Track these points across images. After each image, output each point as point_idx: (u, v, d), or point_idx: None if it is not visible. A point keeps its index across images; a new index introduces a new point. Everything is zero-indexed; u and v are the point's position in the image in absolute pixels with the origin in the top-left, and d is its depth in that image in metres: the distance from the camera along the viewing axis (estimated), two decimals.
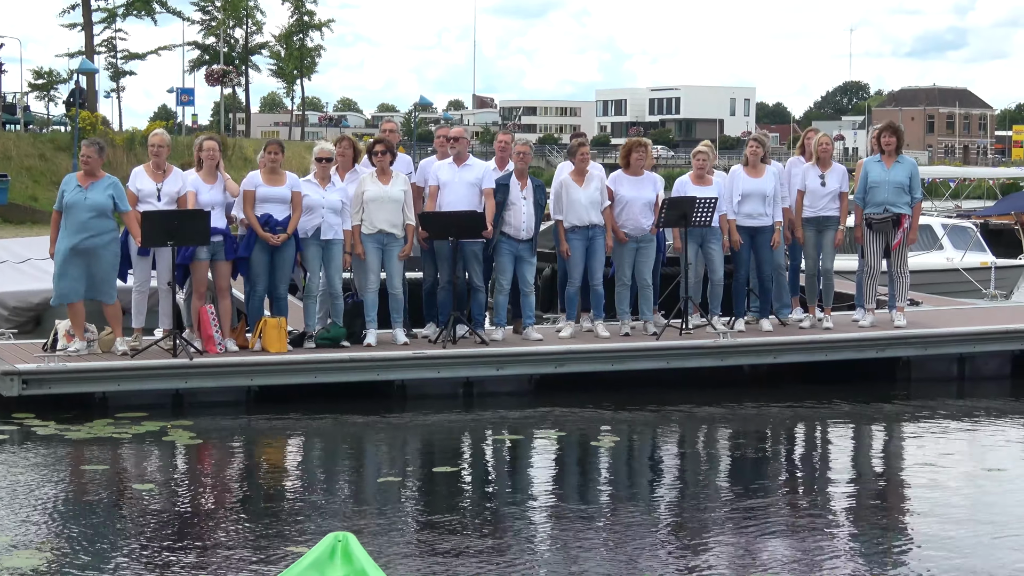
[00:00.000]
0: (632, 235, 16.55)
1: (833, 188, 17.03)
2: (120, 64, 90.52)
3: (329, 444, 13.84)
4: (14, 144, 53.99)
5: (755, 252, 17.03)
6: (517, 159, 16.27)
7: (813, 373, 16.78)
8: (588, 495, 11.82)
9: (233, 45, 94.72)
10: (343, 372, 15.29)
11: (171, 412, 14.47)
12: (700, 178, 16.92)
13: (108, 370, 14.60)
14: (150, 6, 77.69)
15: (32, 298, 17.61)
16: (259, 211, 15.28)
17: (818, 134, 17.53)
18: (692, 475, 12.75)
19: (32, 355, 14.91)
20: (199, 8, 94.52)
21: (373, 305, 15.76)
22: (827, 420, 15.28)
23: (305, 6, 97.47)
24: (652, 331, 16.63)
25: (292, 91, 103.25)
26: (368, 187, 15.72)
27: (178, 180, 15.40)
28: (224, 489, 11.97)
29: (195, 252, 15.03)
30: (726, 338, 16.35)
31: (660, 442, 14.41)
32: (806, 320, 17.36)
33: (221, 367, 14.88)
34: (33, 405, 14.21)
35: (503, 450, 13.74)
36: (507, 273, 16.15)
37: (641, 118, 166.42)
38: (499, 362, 15.73)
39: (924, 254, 25.56)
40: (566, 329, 16.57)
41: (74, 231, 14.76)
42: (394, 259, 15.78)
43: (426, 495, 11.75)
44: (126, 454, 12.94)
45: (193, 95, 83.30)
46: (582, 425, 14.62)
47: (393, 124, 17.86)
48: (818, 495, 11.88)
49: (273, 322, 15.25)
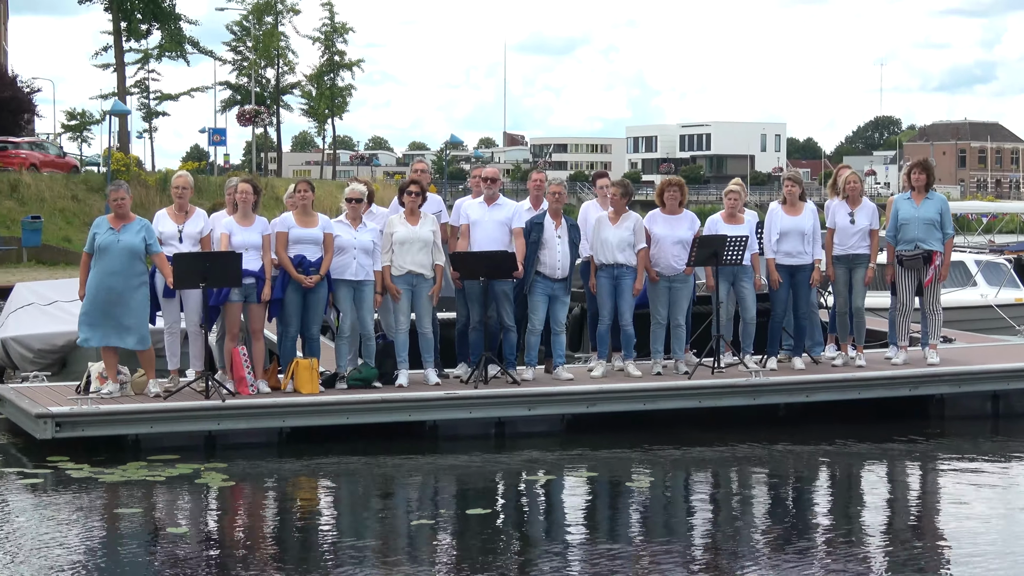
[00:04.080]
0: (663, 274, 16.54)
1: (863, 225, 16.97)
2: (153, 105, 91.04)
3: (361, 485, 13.83)
4: (47, 186, 54.18)
5: (793, 290, 16.99)
6: (551, 198, 16.31)
7: (846, 411, 16.70)
8: (622, 536, 11.79)
9: (265, 85, 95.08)
10: (375, 413, 15.30)
11: (204, 454, 14.48)
12: (732, 216, 16.93)
13: (140, 412, 14.64)
14: (182, 47, 77.97)
15: (57, 340, 17.68)
16: (292, 252, 15.33)
17: (847, 171, 17.50)
18: (726, 515, 12.68)
19: (65, 398, 14.96)
20: (231, 49, 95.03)
21: (404, 346, 15.78)
22: (860, 458, 15.21)
23: (335, 46, 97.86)
24: (684, 370, 16.60)
25: (323, 130, 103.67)
26: (397, 228, 15.77)
27: (199, 221, 15.49)
28: (257, 532, 11.97)
29: (228, 294, 15.08)
30: (758, 377, 16.31)
31: (693, 482, 14.35)
32: (839, 358, 17.30)
33: (253, 408, 14.91)
34: (67, 448, 14.24)
35: (536, 491, 13.69)
36: (540, 312, 16.16)
37: (672, 154, 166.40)
38: (531, 402, 15.72)
39: (957, 291, 25.43)
40: (597, 368, 16.55)
41: (106, 273, 14.83)
42: (424, 300, 15.80)
43: (459, 537, 11.72)
44: (159, 497, 12.95)
45: (225, 135, 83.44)
46: (615, 465, 14.59)
47: (424, 164, 17.90)
48: (852, 535, 11.80)
49: (305, 363, 15.27)
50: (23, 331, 18.00)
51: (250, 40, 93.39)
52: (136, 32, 74.32)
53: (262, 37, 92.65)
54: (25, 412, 14.67)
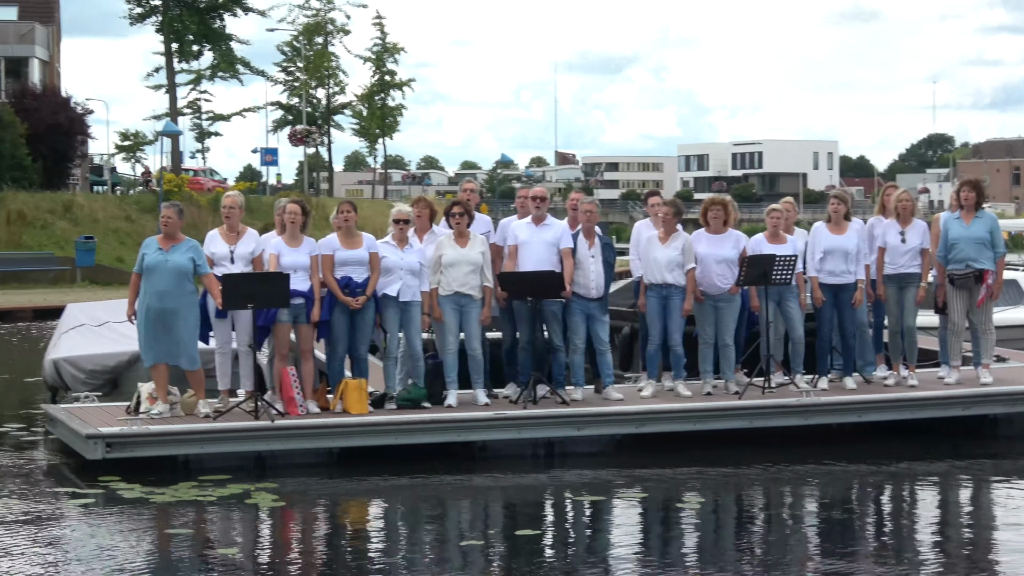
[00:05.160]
0: (708, 293, 16.48)
1: (914, 244, 16.88)
2: (205, 125, 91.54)
3: (410, 506, 13.81)
4: (101, 207, 54.66)
5: (838, 310, 16.92)
6: (584, 218, 16.28)
7: (898, 432, 16.59)
8: (673, 558, 11.72)
9: (316, 105, 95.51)
10: (424, 433, 15.29)
11: (254, 474, 14.51)
12: (774, 236, 16.87)
13: (190, 433, 14.69)
14: (234, 68, 78.37)
15: (108, 361, 17.75)
16: (338, 274, 15.36)
17: (898, 190, 17.41)
18: (778, 537, 12.58)
19: (116, 418, 15.03)
20: (282, 69, 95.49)
21: (453, 366, 15.78)
22: (913, 480, 15.09)
23: (386, 66, 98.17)
24: (734, 390, 16.53)
25: (374, 150, 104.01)
26: (446, 250, 15.77)
27: (251, 242, 15.53)
28: (307, 553, 11.97)
29: (277, 314, 15.11)
30: (809, 397, 16.22)
31: (745, 503, 14.23)
32: (890, 378, 17.19)
33: (303, 429, 14.93)
34: (119, 468, 14.30)
35: (585, 512, 13.63)
36: (580, 332, 16.13)
37: (724, 173, 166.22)
38: (580, 422, 15.68)
39: (1010, 309, 25.20)
40: (647, 388, 16.50)
41: (155, 293, 14.91)
42: (472, 320, 15.80)
43: (509, 558, 11.69)
44: (210, 517, 12.98)
45: (277, 155, 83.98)
46: (665, 486, 14.52)
47: (473, 184, 17.88)
48: (905, 557, 11.67)
49: (354, 384, 15.29)
50: (75, 352, 18.10)
51: (301, 60, 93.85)
52: (187, 53, 74.76)
53: (313, 57, 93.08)
54: (76, 433, 14.74)
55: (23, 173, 56.51)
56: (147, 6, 72.69)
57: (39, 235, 50.43)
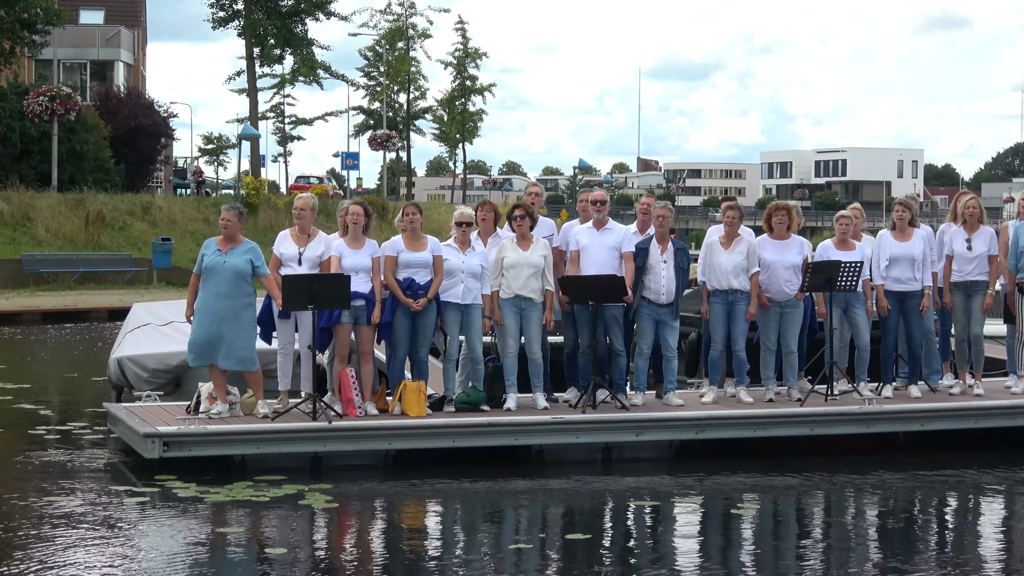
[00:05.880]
0: (775, 299, 16.34)
1: (981, 251, 16.68)
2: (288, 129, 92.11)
3: (466, 509, 13.77)
4: (180, 209, 55.07)
5: (904, 317, 16.74)
6: (657, 222, 16.17)
7: (963, 441, 16.37)
8: (729, 565, 11.58)
9: (397, 110, 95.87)
10: (481, 436, 15.24)
11: (309, 475, 14.51)
12: (843, 243, 16.72)
13: (247, 433, 14.71)
14: (316, 72, 78.75)
15: (171, 360, 17.81)
16: (401, 276, 15.35)
17: (966, 196, 17.21)
18: (838, 545, 12.40)
19: (175, 417, 15.08)
20: (364, 74, 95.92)
21: (512, 369, 15.72)
22: (978, 490, 14.85)
23: (467, 71, 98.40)
24: (796, 397, 16.38)
25: (455, 155, 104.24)
26: (508, 253, 15.73)
27: (320, 245, 15.52)
28: (358, 555, 11.96)
29: (339, 315, 15.11)
30: (872, 404, 16.03)
31: (804, 511, 14.09)
32: (956, 386, 16.98)
33: (360, 431, 14.92)
34: (175, 467, 14.35)
35: (641, 517, 13.52)
36: (648, 338, 16.03)
37: (807, 180, 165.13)
38: (639, 427, 15.57)
39: None
40: (709, 394, 16.38)
41: (213, 294, 14.97)
42: (533, 324, 15.73)
43: (561, 562, 11.60)
44: (263, 517, 12.97)
45: (358, 159, 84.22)
46: (723, 492, 14.39)
47: (538, 188, 17.80)
48: (966, 570, 11.48)
49: (413, 386, 15.27)
50: (138, 351, 18.17)
51: (382, 65, 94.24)
52: (269, 57, 75.15)
53: (394, 62, 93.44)
54: (135, 431, 14.80)
55: (106, 175, 57.01)
56: (230, 10, 73.16)
57: (117, 236, 50.82)
